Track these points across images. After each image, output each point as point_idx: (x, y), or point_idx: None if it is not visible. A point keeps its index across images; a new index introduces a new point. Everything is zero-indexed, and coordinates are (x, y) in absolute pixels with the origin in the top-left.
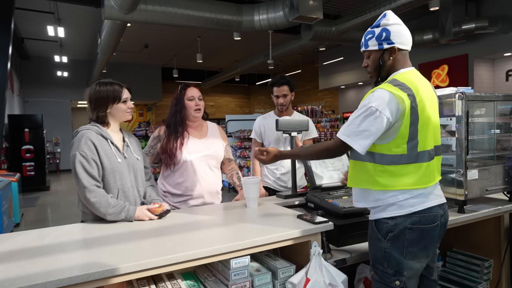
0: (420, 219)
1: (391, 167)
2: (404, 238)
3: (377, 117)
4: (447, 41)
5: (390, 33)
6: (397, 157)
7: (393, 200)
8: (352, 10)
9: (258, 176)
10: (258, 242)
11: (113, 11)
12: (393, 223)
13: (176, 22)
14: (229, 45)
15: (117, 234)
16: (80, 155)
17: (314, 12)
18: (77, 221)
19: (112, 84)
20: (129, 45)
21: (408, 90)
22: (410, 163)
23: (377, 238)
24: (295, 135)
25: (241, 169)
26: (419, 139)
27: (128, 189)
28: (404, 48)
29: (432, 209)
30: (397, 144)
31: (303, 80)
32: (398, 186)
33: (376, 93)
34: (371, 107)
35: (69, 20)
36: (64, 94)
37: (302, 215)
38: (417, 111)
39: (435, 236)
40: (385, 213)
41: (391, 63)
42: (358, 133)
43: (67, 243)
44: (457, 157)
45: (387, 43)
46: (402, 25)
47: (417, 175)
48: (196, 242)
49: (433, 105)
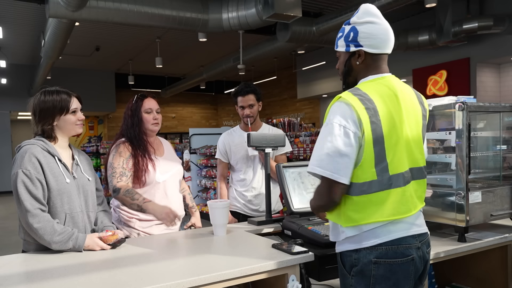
0: (387, 252)
1: (361, 197)
2: (370, 274)
3: (341, 134)
4: (445, 42)
5: (357, 33)
6: (366, 184)
7: (356, 231)
8: (335, 6)
9: (226, 199)
10: (227, 275)
11: (59, 8)
12: (356, 257)
13: (131, 20)
14: (193, 48)
15: (64, 266)
16: (22, 174)
17: (292, 9)
18: (17, 251)
19: (59, 92)
20: (77, 48)
21: (368, 103)
22: (383, 190)
23: (343, 273)
24: (269, 151)
25: (207, 191)
26: (389, 160)
27: (77, 214)
28: (376, 52)
29: (403, 240)
30: (363, 169)
31: (279, 87)
32: (371, 219)
33: (334, 107)
34: (332, 124)
35: (8, 19)
36: (2, 104)
37: (277, 244)
38: (380, 127)
39: (410, 273)
40: (348, 244)
41: (358, 68)
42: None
43: (6, 276)
44: (457, 177)
45: (354, 45)
46: (377, 23)
47: (393, 204)
48: (155, 275)
49: (413, 119)
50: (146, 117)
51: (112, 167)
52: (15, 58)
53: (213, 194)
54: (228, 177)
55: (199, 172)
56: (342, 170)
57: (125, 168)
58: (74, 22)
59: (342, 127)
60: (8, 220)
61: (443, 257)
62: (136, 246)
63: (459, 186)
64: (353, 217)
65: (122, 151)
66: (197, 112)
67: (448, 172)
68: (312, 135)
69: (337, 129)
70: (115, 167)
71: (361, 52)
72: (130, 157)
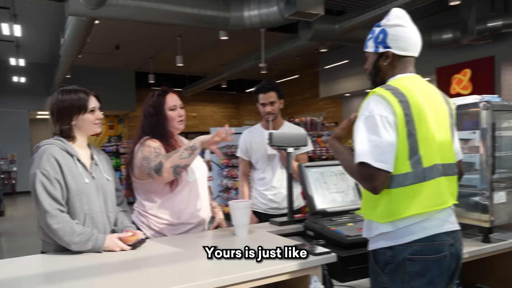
0: (422, 249)
1: (398, 190)
2: (404, 271)
3: (385, 124)
4: (469, 41)
5: (387, 35)
6: (402, 176)
7: (391, 228)
8: (358, 4)
9: (248, 200)
10: (249, 276)
11: (78, 5)
12: (391, 254)
13: (152, 18)
14: (214, 46)
15: (83, 267)
16: (41, 174)
17: (314, 7)
18: (36, 252)
19: (77, 91)
20: (97, 46)
21: (400, 96)
22: (417, 183)
23: (376, 271)
24: (291, 151)
25: (229, 191)
26: (421, 153)
27: (97, 214)
28: (404, 54)
29: (437, 237)
30: (399, 160)
31: (301, 86)
32: (407, 213)
33: (371, 101)
34: (373, 116)
35: (27, 17)
36: (21, 103)
37: (300, 245)
38: (413, 120)
39: (443, 269)
40: (383, 242)
41: (386, 69)
42: (379, 149)
43: (25, 277)
44: (481, 176)
45: (383, 47)
46: (406, 27)
47: (428, 196)
48: (176, 277)
49: (441, 117)
50: (171, 114)
51: (145, 158)
52: (34, 57)
53: (234, 194)
54: (250, 176)
55: (220, 172)
56: (388, 159)
57: (158, 152)
58: (94, 20)
59: (384, 118)
60: (27, 220)
61: (467, 258)
62: (157, 247)
63: (483, 186)
64: (390, 212)
65: (151, 143)
66: (218, 111)
67: (472, 172)
68: None
69: (379, 120)
70: (148, 156)
71: (389, 53)
72: (161, 146)
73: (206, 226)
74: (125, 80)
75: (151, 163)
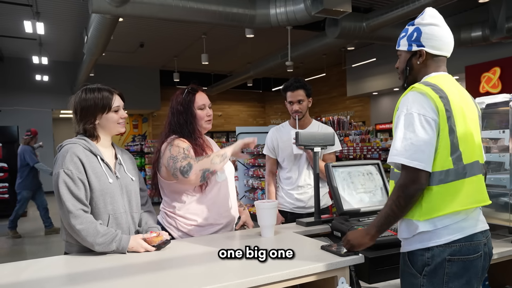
0: (461, 249)
1: (439, 187)
2: (443, 273)
3: (422, 122)
4: (499, 39)
5: (421, 34)
6: (443, 173)
7: (430, 227)
8: (386, 2)
9: (274, 200)
10: (275, 278)
11: (102, 3)
12: (429, 255)
13: (177, 16)
14: (240, 44)
15: (107, 269)
16: (64, 174)
17: (341, 4)
18: (60, 253)
19: (101, 90)
20: (121, 44)
21: (440, 92)
22: (459, 179)
23: (411, 273)
24: (318, 150)
25: (255, 191)
26: (462, 149)
27: (121, 214)
28: (437, 54)
29: (474, 237)
30: (440, 157)
31: (328, 85)
32: (449, 209)
33: (410, 97)
34: (411, 113)
35: (50, 14)
36: (44, 102)
37: (327, 246)
38: (453, 116)
39: (479, 269)
40: (419, 243)
41: (419, 67)
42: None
43: (48, 279)
44: (511, 176)
45: (417, 45)
46: (440, 26)
47: (469, 193)
48: (200, 278)
49: (473, 117)
50: (200, 113)
51: (172, 158)
52: (57, 55)
53: (260, 194)
54: (276, 175)
55: (246, 171)
56: (427, 158)
57: (187, 154)
58: (118, 17)
59: (422, 116)
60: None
61: (496, 259)
62: (182, 248)
63: None
64: (430, 209)
65: (180, 143)
66: (244, 110)
67: (502, 172)
68: (362, 133)
69: (417, 118)
70: (176, 156)
71: (422, 52)
72: (190, 147)
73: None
74: (150, 79)
75: (177, 163)
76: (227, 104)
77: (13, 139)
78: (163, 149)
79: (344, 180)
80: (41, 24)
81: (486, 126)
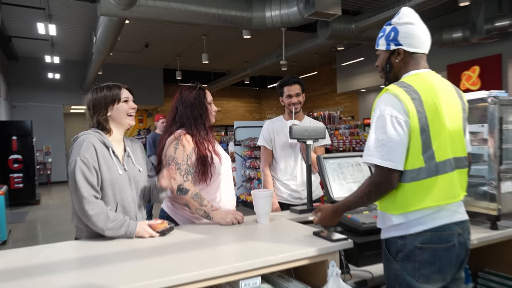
0: (432, 238)
1: (411, 184)
2: (415, 259)
3: (394, 124)
4: (478, 39)
5: (398, 33)
6: (415, 171)
7: (403, 219)
8: (373, 5)
9: (270, 189)
10: (270, 261)
11: (110, 6)
12: (402, 243)
13: (179, 19)
14: (238, 45)
15: (115, 253)
16: (81, 161)
17: (332, 7)
18: (70, 238)
19: (110, 86)
20: (127, 45)
21: (413, 94)
22: (430, 177)
23: (388, 259)
24: (310, 143)
25: (251, 181)
26: (434, 148)
27: (129, 204)
28: (414, 51)
29: (447, 227)
30: (412, 156)
31: (319, 82)
32: (420, 205)
33: (383, 99)
34: (384, 115)
35: (61, 17)
36: (56, 98)
37: (318, 232)
38: (425, 116)
39: (452, 258)
40: (394, 232)
41: (398, 65)
42: (387, 148)
43: (59, 262)
44: (489, 167)
45: (394, 44)
46: (416, 25)
47: (441, 190)
48: (201, 261)
49: (453, 112)
50: (210, 108)
51: (176, 162)
52: (68, 55)
53: (257, 184)
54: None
55: (243, 163)
56: (398, 158)
57: (189, 165)
58: (124, 20)
59: (394, 117)
60: (62, 209)
61: (476, 244)
62: (184, 234)
63: (491, 176)
64: (404, 204)
65: (186, 145)
66: (241, 105)
67: (481, 163)
68: (351, 127)
69: (388, 120)
70: (180, 163)
71: (400, 50)
72: (192, 151)
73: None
74: (154, 77)
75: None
76: (226, 100)
77: (27, 132)
78: (170, 141)
79: (334, 171)
80: (53, 26)
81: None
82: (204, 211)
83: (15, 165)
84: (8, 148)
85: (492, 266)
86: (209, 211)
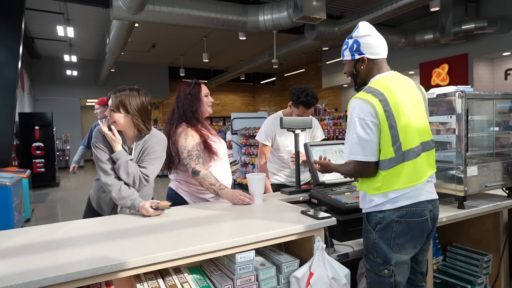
0: (407, 213)
1: (386, 171)
2: (392, 231)
3: (362, 125)
4: (447, 41)
5: (360, 44)
6: (387, 161)
7: (382, 198)
8: (354, 10)
9: (262, 173)
10: (263, 237)
11: (121, 11)
12: (381, 216)
13: (182, 22)
14: (234, 45)
15: (125, 229)
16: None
17: (318, 12)
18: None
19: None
20: (137, 45)
21: (380, 96)
22: (399, 164)
23: (367, 229)
24: (298, 132)
25: (247, 165)
26: (401, 140)
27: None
28: (376, 58)
29: (420, 204)
30: (384, 149)
31: (307, 78)
32: (393, 187)
33: (352, 104)
34: (353, 118)
35: (78, 21)
36: (74, 92)
37: (305, 211)
38: (392, 114)
39: (423, 230)
40: (375, 207)
41: (364, 71)
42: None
43: (77, 237)
44: (457, 154)
45: (358, 54)
46: (373, 36)
47: (408, 174)
48: (203, 236)
49: (416, 104)
50: (205, 99)
51: (187, 150)
52: (84, 54)
53: (251, 168)
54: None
55: (239, 150)
56: (369, 152)
57: (199, 150)
58: (134, 23)
59: (362, 120)
60: (78, 190)
61: (445, 222)
62: (187, 213)
63: (459, 161)
64: (381, 186)
65: (194, 135)
66: (237, 99)
67: (449, 150)
68: (334, 118)
69: (358, 122)
70: (191, 150)
71: (364, 58)
72: (200, 140)
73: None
74: (160, 73)
75: (191, 162)
76: (224, 94)
77: (48, 123)
78: (179, 133)
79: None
80: (71, 29)
81: (436, 112)
82: (213, 189)
83: (38, 151)
84: (31, 136)
85: (459, 241)
86: (217, 189)
